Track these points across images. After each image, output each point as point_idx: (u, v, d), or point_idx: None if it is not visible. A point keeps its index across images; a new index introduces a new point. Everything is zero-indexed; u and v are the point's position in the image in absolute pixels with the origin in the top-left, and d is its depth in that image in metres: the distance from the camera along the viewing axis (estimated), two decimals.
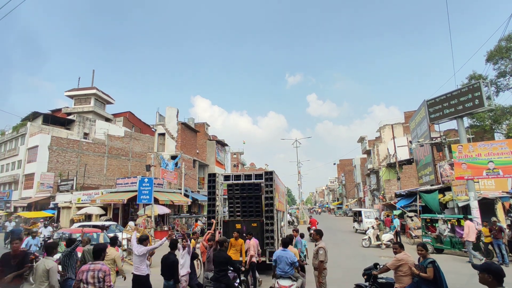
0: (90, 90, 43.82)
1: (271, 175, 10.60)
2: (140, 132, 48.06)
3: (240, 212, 11.51)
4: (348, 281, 8.16)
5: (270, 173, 10.72)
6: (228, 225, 10.72)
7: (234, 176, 11.36)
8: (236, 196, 11.57)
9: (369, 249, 15.93)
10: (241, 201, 11.49)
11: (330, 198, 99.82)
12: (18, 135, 36.76)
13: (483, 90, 15.78)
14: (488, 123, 27.53)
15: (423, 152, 23.25)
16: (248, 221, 10.78)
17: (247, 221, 10.78)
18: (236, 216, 11.51)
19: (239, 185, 11.51)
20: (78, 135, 38.43)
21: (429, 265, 5.08)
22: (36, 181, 32.69)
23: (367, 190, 47.96)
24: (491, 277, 2.83)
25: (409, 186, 29.01)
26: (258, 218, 10.82)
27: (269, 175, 10.63)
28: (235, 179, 11.25)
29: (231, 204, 11.82)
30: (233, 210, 11.74)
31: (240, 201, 11.50)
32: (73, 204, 27.90)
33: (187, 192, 28.51)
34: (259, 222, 10.48)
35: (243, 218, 11.15)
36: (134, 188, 22.78)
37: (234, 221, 10.98)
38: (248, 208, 11.37)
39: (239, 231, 8.78)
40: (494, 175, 14.99)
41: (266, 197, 10.56)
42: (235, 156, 71.70)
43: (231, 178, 11.32)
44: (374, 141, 45.57)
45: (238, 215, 11.50)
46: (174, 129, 31.67)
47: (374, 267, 6.45)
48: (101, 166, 38.72)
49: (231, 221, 11.05)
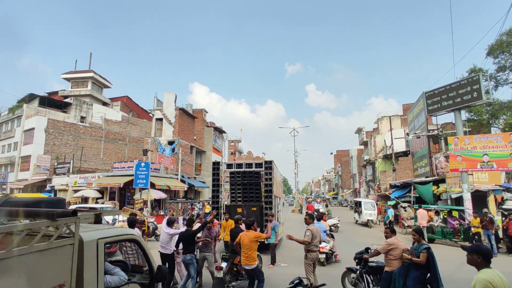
0: (87, 73, 43.31)
1: (270, 164, 11.60)
2: (137, 117, 47.80)
3: (241, 197, 12.33)
4: (339, 266, 8.34)
5: (269, 162, 11.74)
6: (230, 209, 11.40)
7: (236, 165, 12.34)
8: (238, 183, 12.41)
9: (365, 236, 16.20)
10: (242, 188, 12.34)
11: (326, 188, 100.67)
12: (14, 117, 36.43)
13: (482, 83, 15.78)
14: (486, 117, 27.66)
15: (419, 144, 23.39)
16: (249, 205, 11.69)
17: (248, 205, 11.68)
18: (238, 201, 12.31)
19: (241, 173, 12.30)
20: (75, 118, 38.17)
21: (424, 251, 5.20)
22: (32, 163, 32.62)
23: (362, 181, 48.38)
24: (480, 258, 2.92)
25: (404, 177, 29.29)
26: (258, 203, 11.72)
27: (268, 164, 11.64)
28: (237, 167, 12.21)
29: (233, 190, 12.61)
30: (234, 195, 12.53)
31: (242, 188, 12.35)
32: (69, 187, 27.98)
33: (184, 177, 28.61)
34: (258, 207, 11.41)
35: (244, 203, 12.01)
36: (130, 172, 22.83)
37: (235, 205, 11.85)
38: (249, 193, 12.24)
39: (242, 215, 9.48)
40: (488, 168, 15.16)
41: (265, 184, 11.47)
42: (233, 143, 71.75)
43: (233, 166, 12.30)
44: (372, 133, 45.69)
45: (239, 200, 12.31)
46: (172, 115, 31.53)
47: (365, 251, 6.58)
48: (98, 150, 38.63)
49: (232, 205, 11.91)
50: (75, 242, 2.41)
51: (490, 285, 2.66)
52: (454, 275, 8.66)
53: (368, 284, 6.39)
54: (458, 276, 8.57)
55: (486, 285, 2.67)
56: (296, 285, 4.60)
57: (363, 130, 50.97)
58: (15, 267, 1.96)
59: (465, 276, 8.37)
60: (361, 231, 19.39)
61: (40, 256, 2.12)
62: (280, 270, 9.35)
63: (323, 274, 8.66)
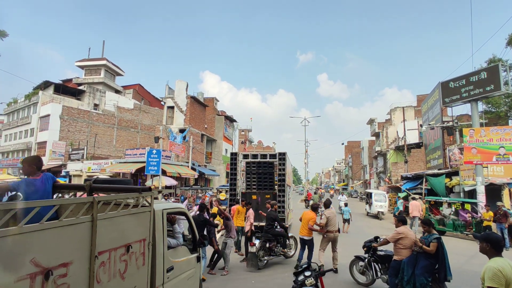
0: (100, 61, 43.77)
1: (284, 156, 12.66)
2: (149, 105, 48.26)
3: (256, 185, 13.26)
4: (347, 255, 8.37)
5: (283, 154, 12.80)
6: (245, 196, 12.61)
7: (252, 155, 13.41)
8: (253, 172, 13.34)
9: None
10: (257, 176, 13.28)
11: (336, 179, 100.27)
12: (30, 104, 37.31)
13: (501, 73, 15.26)
14: (504, 109, 26.83)
15: (433, 136, 22.92)
16: (263, 193, 12.75)
17: (262, 193, 12.77)
18: (253, 189, 13.25)
19: (256, 163, 13.27)
20: (88, 105, 38.82)
21: (434, 240, 5.18)
22: (48, 149, 33.49)
23: (373, 173, 47.94)
24: (489, 246, 2.89)
25: (416, 169, 28.87)
26: (271, 190, 12.78)
27: (282, 156, 12.71)
28: (252, 157, 13.29)
29: (248, 178, 13.52)
30: (250, 183, 13.45)
31: (256, 176, 13.28)
32: (83, 173, 28.67)
33: (194, 165, 28.93)
34: (271, 194, 12.54)
35: (258, 190, 13.01)
36: (142, 159, 23.21)
37: (250, 192, 12.95)
38: (263, 182, 13.17)
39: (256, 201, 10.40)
40: (504, 161, 14.80)
41: (279, 174, 12.66)
42: (243, 133, 71.77)
43: (249, 157, 13.35)
44: (384, 124, 44.98)
45: (254, 188, 13.23)
46: (183, 103, 31.68)
47: (374, 240, 6.59)
48: (110, 137, 39.32)
49: (248, 192, 12.97)
50: (152, 210, 3.28)
51: (500, 273, 2.63)
52: (463, 267, 8.60)
53: (376, 272, 6.43)
54: (467, 268, 8.51)
55: (495, 273, 2.65)
56: (304, 269, 4.66)
57: (375, 121, 50.21)
58: (121, 222, 2.81)
59: (474, 268, 8.31)
60: (371, 222, 19.32)
61: (132, 218, 2.98)
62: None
63: (330, 261, 8.74)
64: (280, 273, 7.53)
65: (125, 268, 2.83)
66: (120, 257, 2.78)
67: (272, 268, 8.15)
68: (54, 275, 2.08)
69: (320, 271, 4.62)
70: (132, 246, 2.93)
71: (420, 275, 5.12)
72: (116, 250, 2.72)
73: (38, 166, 3.33)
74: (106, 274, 2.59)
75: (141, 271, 3.09)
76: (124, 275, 2.82)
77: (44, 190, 3.18)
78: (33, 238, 1.96)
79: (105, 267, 2.57)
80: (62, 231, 2.17)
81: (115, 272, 2.71)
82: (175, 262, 3.93)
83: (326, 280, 5.11)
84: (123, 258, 2.82)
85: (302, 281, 4.50)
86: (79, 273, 2.31)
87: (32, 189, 3.09)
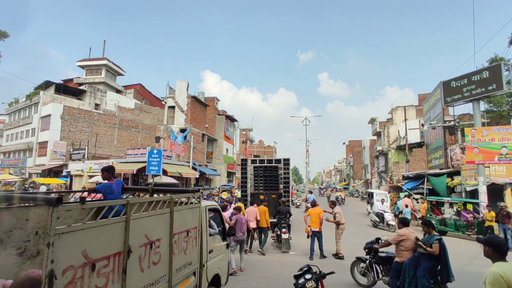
0: (101, 61, 43.76)
1: (288, 161, 14.67)
2: (150, 104, 48.25)
3: (262, 186, 14.92)
4: (348, 256, 8.34)
5: (287, 159, 14.72)
6: (254, 196, 14.24)
7: (259, 160, 15.41)
8: (260, 175, 15.02)
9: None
10: (263, 179, 14.95)
11: (337, 179, 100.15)
12: (32, 104, 37.35)
13: (503, 73, 15.18)
14: (506, 109, 26.68)
15: (434, 135, 22.84)
16: (269, 193, 14.39)
17: (268, 193, 14.39)
18: (260, 190, 14.87)
19: (262, 167, 15.01)
20: (89, 105, 38.84)
21: (435, 241, 5.14)
22: (49, 149, 33.51)
23: (374, 172, 47.85)
24: (491, 250, 2.83)
25: (417, 169, 28.77)
26: (276, 191, 14.59)
27: (286, 161, 14.66)
28: (259, 162, 15.20)
29: (255, 180, 15.13)
30: (257, 185, 15.07)
31: (263, 179, 14.96)
32: (84, 173, 28.68)
33: (195, 165, 28.90)
34: (277, 194, 14.38)
35: (265, 191, 14.68)
36: (143, 159, 23.18)
37: (258, 193, 14.48)
38: (269, 183, 14.87)
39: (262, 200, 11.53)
40: (506, 161, 14.72)
41: (284, 176, 14.54)
42: (244, 132, 71.69)
43: (257, 162, 15.23)
44: (385, 123, 44.82)
45: (261, 189, 14.89)
46: (184, 103, 31.65)
47: (376, 241, 6.55)
48: (111, 137, 39.35)
49: (256, 193, 14.54)
50: (200, 206, 4.38)
51: (501, 278, 2.57)
52: (465, 268, 8.55)
53: (377, 274, 6.39)
54: (469, 269, 8.46)
55: (496, 278, 2.59)
56: (305, 272, 4.62)
57: (377, 120, 50.05)
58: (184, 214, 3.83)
59: (476, 269, 8.26)
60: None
61: (190, 211, 4.02)
62: (289, 257, 9.46)
63: (332, 263, 8.71)
64: (281, 275, 7.50)
65: (186, 246, 3.88)
66: (183, 238, 3.81)
67: (273, 270, 8.13)
68: (155, 245, 3.14)
69: (320, 274, 4.58)
70: (190, 231, 3.99)
71: (422, 277, 5.08)
72: (181, 233, 3.75)
73: (113, 173, 4.49)
74: (177, 249, 3.61)
75: (194, 250, 4.14)
76: (186, 252, 3.86)
77: (118, 192, 4.37)
78: (144, 221, 2.99)
79: (176, 244, 3.59)
80: (157, 218, 3.24)
81: (181, 248, 3.73)
82: (213, 246, 5.10)
83: (327, 281, 5.07)
84: (185, 239, 3.84)
85: (302, 283, 4.46)
86: (165, 246, 3.34)
87: (110, 190, 4.25)
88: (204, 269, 4.52)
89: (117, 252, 2.57)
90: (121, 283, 2.58)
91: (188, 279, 4.00)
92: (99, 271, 2.36)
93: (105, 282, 2.42)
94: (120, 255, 2.60)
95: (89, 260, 2.27)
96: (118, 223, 2.63)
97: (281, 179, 14.77)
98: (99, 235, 2.41)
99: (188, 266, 3.94)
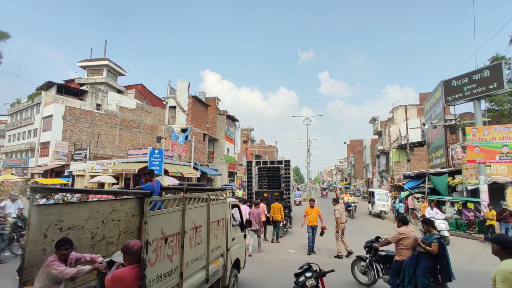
0: (102, 61, 43.87)
1: (288, 162, 16.45)
2: (151, 105, 48.33)
3: (266, 185, 16.60)
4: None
5: (288, 161, 16.53)
6: (258, 194, 16.05)
7: (263, 162, 17.00)
8: (264, 175, 16.66)
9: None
10: (267, 178, 16.58)
11: (338, 178, 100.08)
12: (33, 104, 37.48)
13: (504, 71, 15.17)
14: (507, 108, 26.61)
15: (435, 135, 22.82)
16: (272, 191, 16.07)
17: (271, 191, 16.14)
18: (263, 188, 16.58)
19: (266, 168, 16.60)
20: (91, 106, 38.95)
21: (435, 241, 5.15)
22: (51, 149, 33.67)
23: (376, 171, 47.80)
24: (499, 248, 2.88)
25: (418, 168, 28.75)
26: (278, 189, 16.17)
27: (287, 162, 16.42)
28: (263, 164, 16.82)
29: (259, 180, 16.78)
30: (261, 184, 16.73)
31: (266, 178, 16.59)
32: (86, 173, 28.79)
33: (197, 165, 28.96)
34: (279, 192, 15.94)
35: (268, 189, 16.39)
36: (145, 159, 23.25)
37: (262, 191, 16.32)
38: (272, 182, 16.48)
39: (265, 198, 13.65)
40: (507, 160, 14.71)
41: (285, 176, 16.21)
42: (245, 132, 71.71)
43: (261, 163, 16.87)
44: (386, 122, 44.77)
45: (265, 187, 16.59)
46: (185, 103, 31.71)
47: (375, 240, 6.58)
48: (113, 137, 39.47)
49: (260, 191, 16.37)
50: (226, 201, 5.52)
51: (511, 275, 2.62)
52: (465, 266, 8.58)
53: (378, 272, 6.42)
54: (470, 267, 8.48)
55: (506, 275, 2.63)
56: (305, 270, 4.67)
57: (378, 120, 49.99)
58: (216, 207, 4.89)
59: (477, 268, 8.29)
60: (374, 221, 19.31)
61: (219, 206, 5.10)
62: (289, 256, 9.51)
63: (332, 261, 8.75)
64: (281, 274, 7.55)
65: (217, 233, 4.91)
66: (215, 226, 4.82)
67: (274, 268, 8.18)
68: (198, 230, 4.14)
69: (321, 272, 4.62)
70: (220, 221, 5.04)
71: (422, 276, 5.10)
72: (214, 222, 4.74)
73: (152, 176, 5.44)
74: (212, 234, 4.58)
75: (223, 237, 5.21)
76: (217, 237, 4.89)
77: (157, 191, 5.28)
78: (192, 212, 3.92)
79: (211, 231, 4.57)
80: (200, 209, 4.26)
81: (214, 234, 4.73)
82: (235, 235, 6.07)
83: (327, 280, 5.11)
84: (216, 227, 4.86)
85: (303, 282, 4.50)
86: (204, 231, 4.35)
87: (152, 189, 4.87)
88: (229, 253, 5.45)
89: (178, 232, 3.57)
90: (179, 255, 3.58)
91: (218, 259, 4.97)
92: (169, 244, 3.34)
93: (172, 252, 3.40)
94: (179, 234, 3.58)
95: (164, 236, 3.25)
96: (179, 212, 3.62)
97: (283, 179, 16.25)
98: (168, 219, 3.39)
99: (219, 249, 4.96)
